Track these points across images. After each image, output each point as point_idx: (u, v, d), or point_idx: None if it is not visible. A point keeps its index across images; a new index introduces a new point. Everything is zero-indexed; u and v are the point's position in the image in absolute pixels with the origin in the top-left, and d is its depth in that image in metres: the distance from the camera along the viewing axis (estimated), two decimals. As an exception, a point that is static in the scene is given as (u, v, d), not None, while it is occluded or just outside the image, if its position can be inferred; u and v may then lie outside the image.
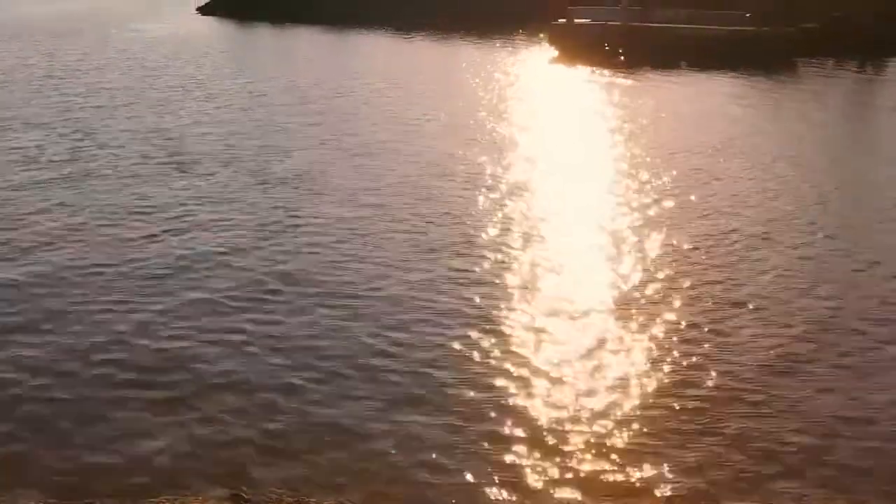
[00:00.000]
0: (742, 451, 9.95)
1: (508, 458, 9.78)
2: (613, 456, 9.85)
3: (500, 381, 11.30)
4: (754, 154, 24.88)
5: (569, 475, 9.53)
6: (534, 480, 9.43)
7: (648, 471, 9.62)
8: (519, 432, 10.20)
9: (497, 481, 9.39)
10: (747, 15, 48.57)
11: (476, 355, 12.00)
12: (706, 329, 12.90)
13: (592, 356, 12.01)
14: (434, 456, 9.77)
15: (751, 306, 13.78)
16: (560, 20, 47.66)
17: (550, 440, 10.08)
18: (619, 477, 9.52)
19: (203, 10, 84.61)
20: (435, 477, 9.43)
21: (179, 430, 10.12)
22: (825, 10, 49.34)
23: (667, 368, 11.70)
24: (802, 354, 12.23)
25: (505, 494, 9.19)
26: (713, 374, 11.57)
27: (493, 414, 10.55)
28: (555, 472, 9.55)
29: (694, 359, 11.97)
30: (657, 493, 9.28)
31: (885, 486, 9.56)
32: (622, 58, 45.13)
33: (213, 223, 17.33)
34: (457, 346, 12.27)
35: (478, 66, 42.76)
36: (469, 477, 9.43)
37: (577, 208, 19.46)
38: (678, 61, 43.06)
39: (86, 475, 9.30)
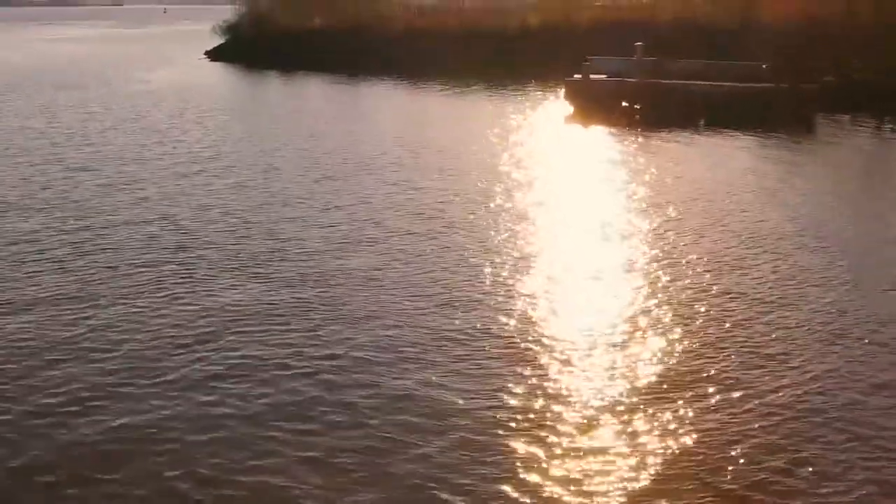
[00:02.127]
0: None
1: None
2: None
3: None
4: (765, 224, 24.33)
5: None
6: None
7: None
8: None
9: None
10: (764, 66, 47.78)
11: None
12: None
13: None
14: None
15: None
16: (575, 76, 46.75)
17: None
18: None
19: (211, 56, 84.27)
20: None
21: None
22: (842, 61, 48.52)
23: None
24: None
25: None
26: None
27: None
28: None
29: None
30: None
31: None
32: (638, 116, 44.33)
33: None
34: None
35: (493, 124, 41.93)
36: None
37: (594, 278, 19.78)
38: (696, 120, 42.35)
39: None
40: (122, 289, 18.90)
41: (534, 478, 11.70)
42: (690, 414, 13.43)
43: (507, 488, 11.46)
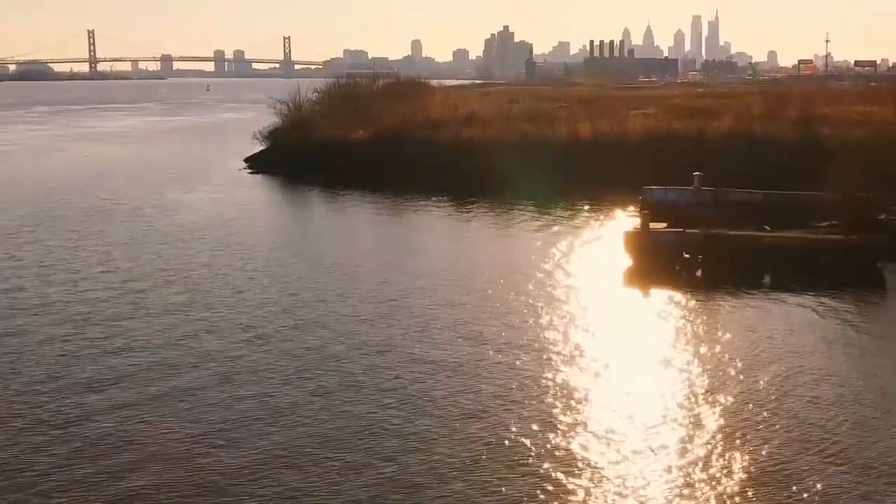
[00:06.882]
0: None
1: None
2: None
3: None
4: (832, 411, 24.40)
5: None
6: None
7: None
8: None
9: None
10: (824, 194, 45.21)
11: None
12: None
13: None
14: None
15: None
16: (634, 227, 43.85)
17: None
18: None
19: (251, 164, 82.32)
20: None
21: None
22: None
23: None
24: None
25: None
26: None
27: None
28: None
29: None
30: None
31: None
32: (700, 271, 41.36)
33: None
34: None
35: (542, 275, 40.25)
36: None
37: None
38: (761, 276, 39.88)
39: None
40: None
41: None
42: None
43: None
